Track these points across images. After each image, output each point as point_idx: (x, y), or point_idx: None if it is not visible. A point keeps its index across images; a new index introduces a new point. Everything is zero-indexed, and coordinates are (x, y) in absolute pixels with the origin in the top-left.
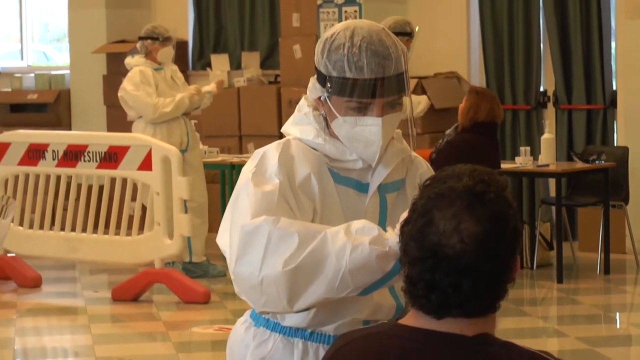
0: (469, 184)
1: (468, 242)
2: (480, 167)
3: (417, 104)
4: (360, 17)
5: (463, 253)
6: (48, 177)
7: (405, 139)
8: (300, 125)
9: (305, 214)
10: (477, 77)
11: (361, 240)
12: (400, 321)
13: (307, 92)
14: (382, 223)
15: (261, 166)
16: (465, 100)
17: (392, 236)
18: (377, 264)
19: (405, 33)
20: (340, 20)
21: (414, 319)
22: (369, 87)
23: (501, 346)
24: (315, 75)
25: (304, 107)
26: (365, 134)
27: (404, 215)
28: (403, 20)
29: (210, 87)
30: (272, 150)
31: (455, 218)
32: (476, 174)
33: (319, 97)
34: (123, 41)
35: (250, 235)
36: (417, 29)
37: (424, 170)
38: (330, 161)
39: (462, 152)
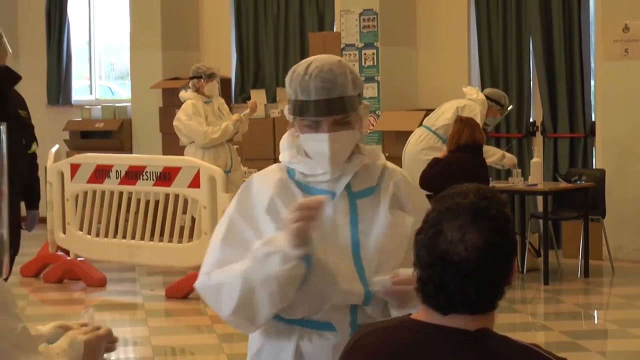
0: (474, 200)
1: (472, 250)
2: (484, 186)
3: (492, 154)
4: (377, 60)
5: (467, 260)
6: (112, 193)
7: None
8: (283, 150)
9: (274, 231)
10: None
11: (271, 267)
12: (412, 316)
13: None
14: (354, 224)
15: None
16: (452, 128)
17: (284, 243)
18: (291, 274)
19: (499, 103)
20: (360, 61)
21: (424, 315)
22: (314, 107)
23: (499, 340)
24: None
25: (286, 134)
26: (317, 147)
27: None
28: (501, 93)
29: (246, 112)
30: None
31: (461, 229)
32: (481, 192)
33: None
34: (176, 78)
35: (202, 293)
36: (510, 107)
37: (398, 178)
38: (304, 177)
39: (453, 167)
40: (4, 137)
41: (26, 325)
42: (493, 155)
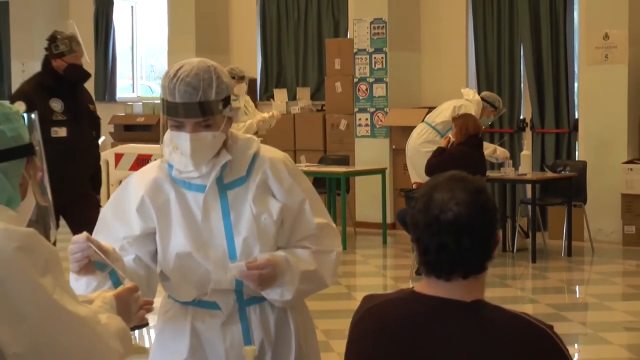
0: (456, 173)
1: (462, 204)
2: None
3: (485, 148)
4: (386, 63)
5: (459, 214)
6: None
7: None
8: (164, 147)
9: (141, 230)
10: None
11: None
12: (416, 289)
13: None
14: (226, 215)
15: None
16: (454, 126)
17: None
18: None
19: (493, 105)
20: (370, 64)
21: (426, 287)
22: (178, 109)
23: (492, 309)
24: None
25: (168, 130)
26: (182, 145)
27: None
28: (496, 97)
29: (274, 113)
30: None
31: (450, 191)
32: (461, 172)
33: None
34: None
35: None
36: (503, 110)
37: (267, 166)
38: (180, 173)
39: (456, 158)
40: (37, 124)
41: (67, 284)
42: (486, 149)
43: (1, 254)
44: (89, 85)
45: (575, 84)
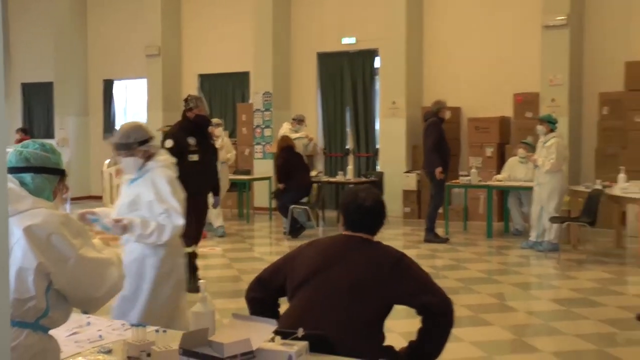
0: (365, 187)
1: (371, 201)
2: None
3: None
4: (271, 117)
5: (373, 204)
6: None
7: None
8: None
9: None
10: (321, 142)
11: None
12: (342, 232)
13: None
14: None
15: None
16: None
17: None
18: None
19: (294, 119)
20: (262, 117)
21: (346, 232)
22: None
23: (375, 242)
24: None
25: None
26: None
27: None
28: (297, 115)
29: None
30: None
31: (365, 193)
32: (367, 187)
33: None
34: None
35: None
36: (303, 116)
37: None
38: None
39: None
40: (64, 158)
41: (92, 242)
42: (306, 143)
43: (51, 226)
44: (99, 126)
45: (377, 128)
